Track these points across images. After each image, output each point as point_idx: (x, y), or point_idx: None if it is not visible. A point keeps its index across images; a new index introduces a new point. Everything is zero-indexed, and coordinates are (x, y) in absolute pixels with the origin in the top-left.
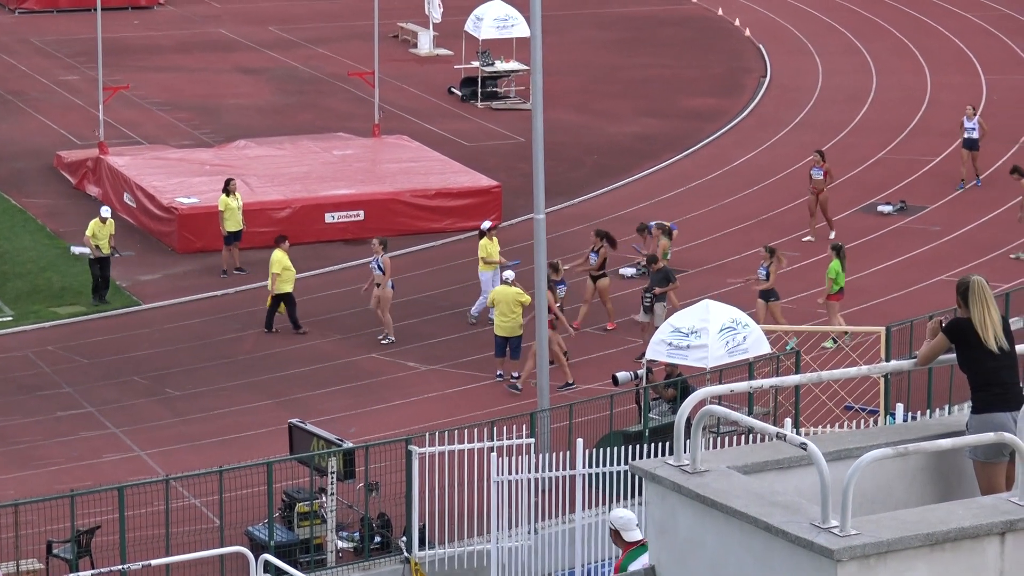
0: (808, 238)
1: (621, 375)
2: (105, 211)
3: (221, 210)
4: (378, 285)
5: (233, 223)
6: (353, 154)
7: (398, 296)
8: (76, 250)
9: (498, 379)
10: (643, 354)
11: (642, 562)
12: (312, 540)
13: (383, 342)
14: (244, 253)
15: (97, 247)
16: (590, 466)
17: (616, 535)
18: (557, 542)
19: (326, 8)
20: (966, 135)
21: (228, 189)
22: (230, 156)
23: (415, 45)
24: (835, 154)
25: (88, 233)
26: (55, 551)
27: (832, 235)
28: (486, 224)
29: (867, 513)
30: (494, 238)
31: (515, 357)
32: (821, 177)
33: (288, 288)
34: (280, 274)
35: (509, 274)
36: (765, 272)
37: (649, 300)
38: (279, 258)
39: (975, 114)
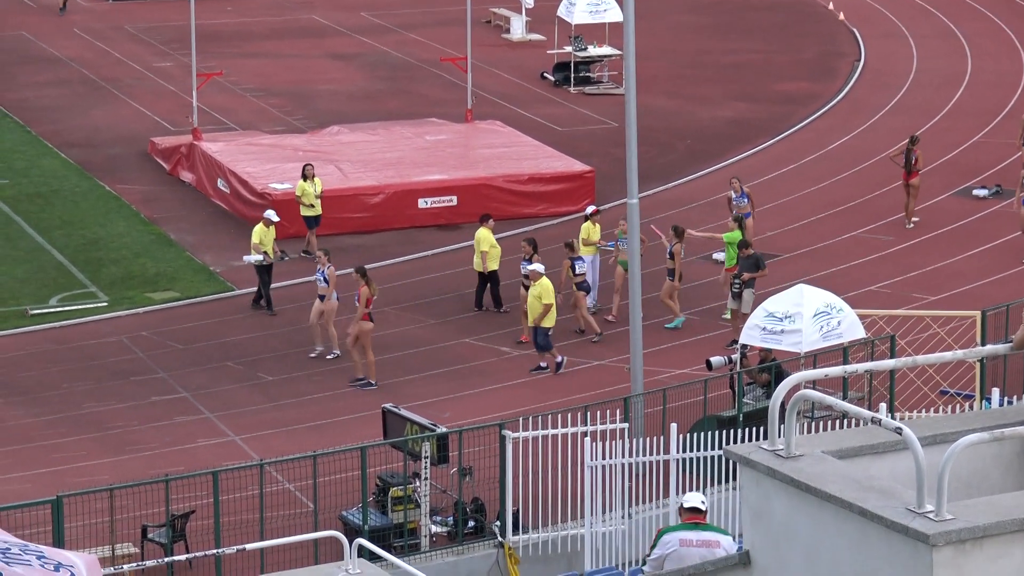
0: (915, 219)
1: (715, 360)
2: (271, 215)
3: (298, 195)
4: (321, 297)
5: (310, 209)
6: (446, 139)
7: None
8: (248, 259)
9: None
10: (736, 340)
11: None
12: (406, 524)
13: (328, 357)
14: (340, 238)
15: (265, 253)
16: (684, 451)
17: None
18: (651, 527)
19: None
20: None
21: (305, 174)
22: (323, 142)
23: (508, 30)
24: (930, 138)
25: (255, 240)
26: (150, 535)
27: (915, 219)
28: (590, 209)
29: (963, 498)
30: (596, 223)
31: (542, 350)
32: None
33: (494, 266)
34: (488, 252)
35: (539, 266)
36: (669, 251)
37: (738, 286)
38: (485, 236)
39: None
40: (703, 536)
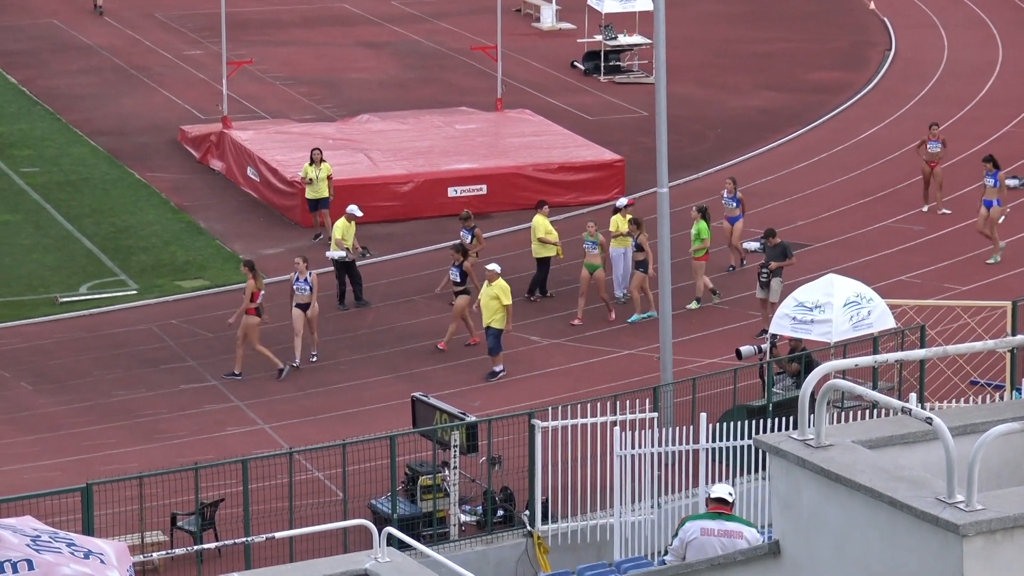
0: (945, 211)
1: (745, 349)
2: (354, 209)
3: (301, 176)
4: (302, 306)
5: (312, 191)
6: (476, 128)
7: (518, 271)
8: (331, 255)
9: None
10: (765, 330)
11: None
12: (435, 513)
13: (313, 359)
14: (370, 227)
15: (347, 249)
16: (713, 440)
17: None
18: (680, 516)
19: None
20: None
21: (312, 158)
22: (353, 130)
23: (538, 19)
24: (960, 127)
25: (338, 235)
26: (179, 523)
27: (944, 211)
28: (622, 201)
29: (993, 488)
30: (627, 215)
31: (494, 352)
32: (938, 150)
33: (547, 253)
34: (544, 238)
35: (496, 266)
36: (635, 243)
37: (766, 276)
38: (541, 222)
39: None
40: (725, 526)
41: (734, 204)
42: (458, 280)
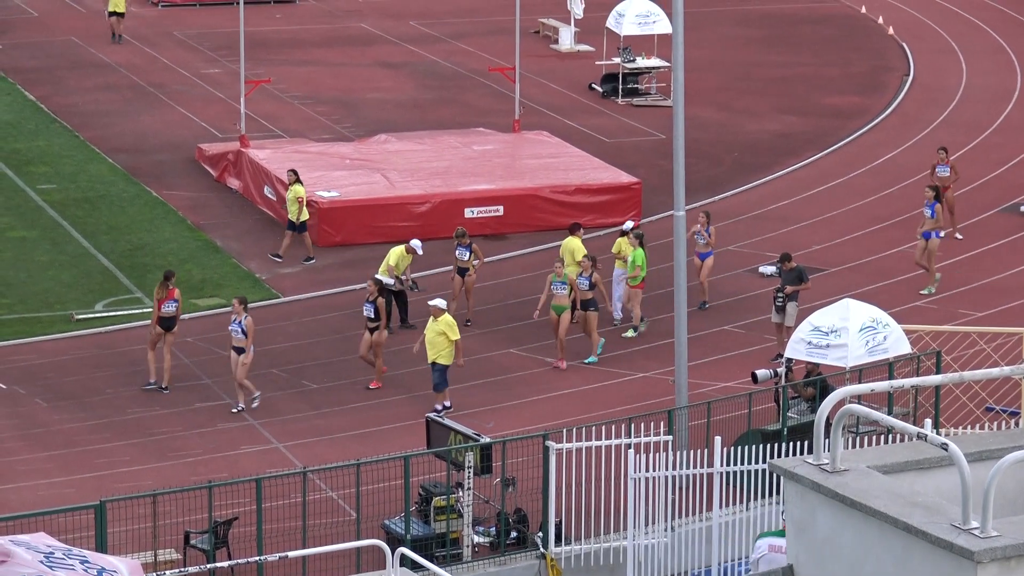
0: (957, 235)
1: (761, 373)
2: (416, 245)
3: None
4: (237, 349)
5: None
6: (493, 149)
7: (535, 292)
8: (381, 279)
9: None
10: (780, 354)
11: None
12: (448, 534)
13: (253, 406)
14: (387, 247)
15: (397, 278)
16: (728, 464)
17: None
18: (694, 540)
19: (467, 3)
20: None
21: (287, 180)
22: (370, 150)
23: (556, 41)
24: (978, 154)
25: (392, 261)
26: (192, 542)
27: (957, 235)
28: (628, 224)
29: (1009, 515)
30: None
31: (439, 389)
32: (947, 174)
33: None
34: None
35: (441, 301)
36: (588, 282)
37: (781, 300)
38: (577, 245)
39: None
40: None
41: (706, 237)
42: (372, 316)
